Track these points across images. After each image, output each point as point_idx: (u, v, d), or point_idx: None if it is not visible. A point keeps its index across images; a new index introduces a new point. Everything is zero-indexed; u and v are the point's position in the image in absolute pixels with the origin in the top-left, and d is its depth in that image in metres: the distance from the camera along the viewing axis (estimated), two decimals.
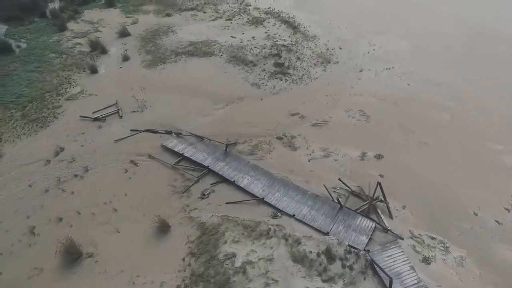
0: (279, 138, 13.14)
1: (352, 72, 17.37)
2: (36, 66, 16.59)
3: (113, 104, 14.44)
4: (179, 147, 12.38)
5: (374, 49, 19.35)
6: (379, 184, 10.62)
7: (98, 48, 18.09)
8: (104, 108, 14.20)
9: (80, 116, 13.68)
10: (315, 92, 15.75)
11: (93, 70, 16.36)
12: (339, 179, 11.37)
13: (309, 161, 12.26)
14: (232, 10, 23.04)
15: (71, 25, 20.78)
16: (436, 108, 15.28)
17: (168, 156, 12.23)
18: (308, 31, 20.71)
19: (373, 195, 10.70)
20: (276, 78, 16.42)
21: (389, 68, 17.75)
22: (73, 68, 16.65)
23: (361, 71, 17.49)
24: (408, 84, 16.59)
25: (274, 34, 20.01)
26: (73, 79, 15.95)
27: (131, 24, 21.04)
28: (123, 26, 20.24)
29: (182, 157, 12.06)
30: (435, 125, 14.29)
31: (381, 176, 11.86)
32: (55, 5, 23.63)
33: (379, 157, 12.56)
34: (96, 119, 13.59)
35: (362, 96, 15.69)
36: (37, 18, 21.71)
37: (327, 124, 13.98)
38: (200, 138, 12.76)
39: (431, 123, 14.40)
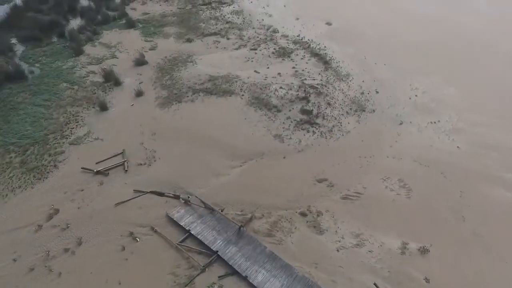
0: (303, 214, 11.20)
1: (390, 125, 15.10)
2: (45, 99, 15.52)
3: (120, 153, 13.02)
4: (185, 220, 10.72)
5: (416, 95, 16.92)
6: None
7: (111, 80, 16.85)
8: (109, 158, 12.79)
9: (82, 168, 12.35)
10: (346, 150, 13.65)
11: (103, 107, 15.07)
12: (375, 284, 9.32)
13: (337, 250, 10.24)
14: (257, 37, 21.24)
15: (88, 48, 19.75)
16: (493, 182, 12.77)
17: (173, 230, 10.60)
18: (341, 67, 18.56)
19: None
20: (303, 129, 14.45)
21: (434, 122, 15.31)
22: (82, 103, 15.45)
23: (401, 124, 15.17)
24: (458, 147, 14.12)
25: (303, 70, 18.03)
26: (81, 116, 14.73)
27: (150, 50, 19.72)
28: (141, 53, 18.94)
29: (188, 234, 10.41)
30: (491, 207, 11.83)
31: (427, 280, 9.67)
32: (76, 22, 22.90)
33: (423, 251, 10.34)
34: (98, 172, 12.23)
35: (402, 159, 13.42)
36: (55, 38, 20.90)
37: (360, 197, 11.88)
38: (211, 209, 11.07)
39: (486, 204, 11.96)
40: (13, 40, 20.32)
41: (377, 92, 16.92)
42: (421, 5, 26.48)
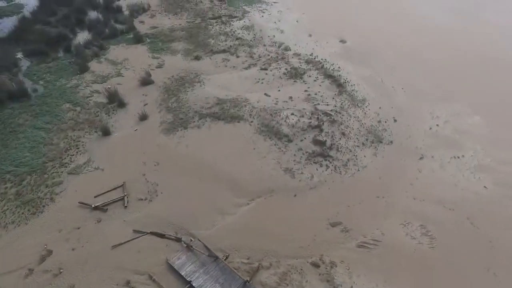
0: (315, 265, 10.21)
1: (410, 159, 14.03)
2: (46, 122, 14.92)
3: (120, 186, 12.27)
4: (187, 268, 9.84)
5: (437, 125, 15.80)
6: None
7: (115, 101, 16.18)
8: (109, 191, 12.05)
9: (79, 203, 11.63)
10: (363, 188, 12.63)
11: (105, 132, 14.37)
12: None
13: None
14: (268, 55, 20.39)
15: (93, 64, 19.20)
16: None
17: (173, 279, 9.72)
18: (356, 91, 17.56)
19: None
20: (315, 163, 13.48)
21: (458, 157, 14.17)
22: (84, 126, 14.79)
23: (421, 158, 14.08)
24: (485, 187, 12.97)
25: (315, 94, 17.09)
26: (82, 142, 14.05)
27: (156, 67, 19.05)
28: (147, 71, 18.30)
29: (189, 286, 9.53)
30: None
31: None
32: (84, 35, 22.45)
33: None
34: (96, 208, 11.48)
35: (424, 201, 12.33)
36: (61, 52, 20.42)
37: (377, 245, 10.84)
38: (215, 257, 10.18)
39: None
40: (19, 55, 19.96)
41: (395, 120, 15.85)
42: (441, 20, 25.31)
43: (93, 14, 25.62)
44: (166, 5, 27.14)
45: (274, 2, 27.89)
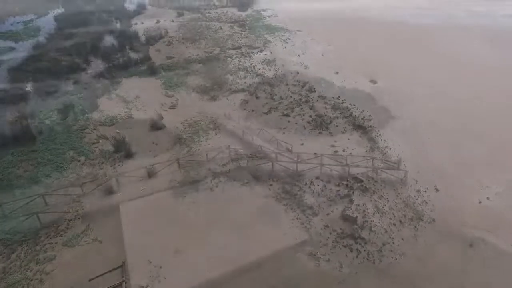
0: None
1: (457, 245, 11.76)
2: (46, 174, 13.64)
3: (119, 267, 10.74)
4: None
5: (488, 198, 13.53)
6: None
7: (122, 149, 14.83)
8: (106, 273, 10.51)
9: None
10: (401, 284, 10.59)
11: (108, 191, 12.96)
12: None
13: None
14: (291, 96, 18.67)
15: (103, 101, 18.06)
16: None
17: None
18: (390, 148, 15.52)
19: None
20: (344, 247, 11.51)
21: None
22: (86, 182, 13.36)
23: (471, 245, 11.91)
24: None
25: (343, 151, 15.19)
26: (82, 203, 12.56)
27: (169, 108, 17.71)
28: (159, 114, 16.95)
29: None
30: None
31: None
32: (97, 64, 21.53)
33: None
34: None
35: None
36: (72, 86, 19.44)
37: None
38: None
39: None
40: (29, 86, 19.12)
41: (436, 190, 13.70)
42: (492, 63, 22.84)
43: (108, 39, 24.86)
44: (184, 31, 26.11)
45: (298, 31, 26.36)
